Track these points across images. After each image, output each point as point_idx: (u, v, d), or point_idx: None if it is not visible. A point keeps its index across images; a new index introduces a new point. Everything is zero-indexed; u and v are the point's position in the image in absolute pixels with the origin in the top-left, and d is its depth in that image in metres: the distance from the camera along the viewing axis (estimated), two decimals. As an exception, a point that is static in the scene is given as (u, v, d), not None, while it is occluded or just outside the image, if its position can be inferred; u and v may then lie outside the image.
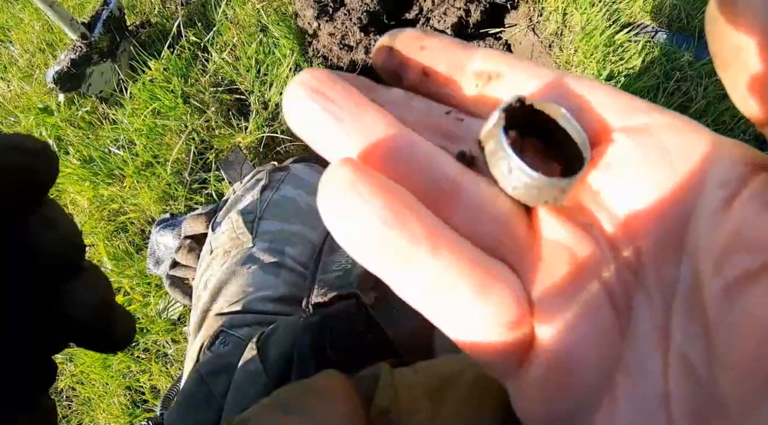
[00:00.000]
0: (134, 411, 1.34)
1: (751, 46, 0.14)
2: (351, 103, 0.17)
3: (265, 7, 1.50)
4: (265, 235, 0.84)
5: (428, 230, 0.15)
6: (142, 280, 1.36)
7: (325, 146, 0.18)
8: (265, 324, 0.72)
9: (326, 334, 0.61)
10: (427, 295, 0.15)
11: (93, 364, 1.38)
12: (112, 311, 0.26)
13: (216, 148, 1.40)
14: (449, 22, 1.32)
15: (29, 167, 0.22)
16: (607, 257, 0.17)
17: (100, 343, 0.26)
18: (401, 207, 0.15)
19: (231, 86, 1.47)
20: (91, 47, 1.43)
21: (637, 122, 0.18)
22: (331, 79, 0.18)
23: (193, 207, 1.35)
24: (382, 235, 0.15)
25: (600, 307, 0.16)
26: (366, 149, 0.17)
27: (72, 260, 0.24)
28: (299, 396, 0.40)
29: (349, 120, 0.17)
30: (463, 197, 0.17)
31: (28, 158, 0.21)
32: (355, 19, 1.26)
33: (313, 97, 0.17)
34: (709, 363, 0.14)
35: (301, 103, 0.17)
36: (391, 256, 0.15)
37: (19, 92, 1.75)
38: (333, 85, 0.18)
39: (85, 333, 0.25)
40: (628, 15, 1.40)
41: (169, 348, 1.33)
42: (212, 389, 0.66)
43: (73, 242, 0.24)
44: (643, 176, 0.17)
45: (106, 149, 1.50)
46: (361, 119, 0.17)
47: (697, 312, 0.15)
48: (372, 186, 0.15)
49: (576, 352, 0.16)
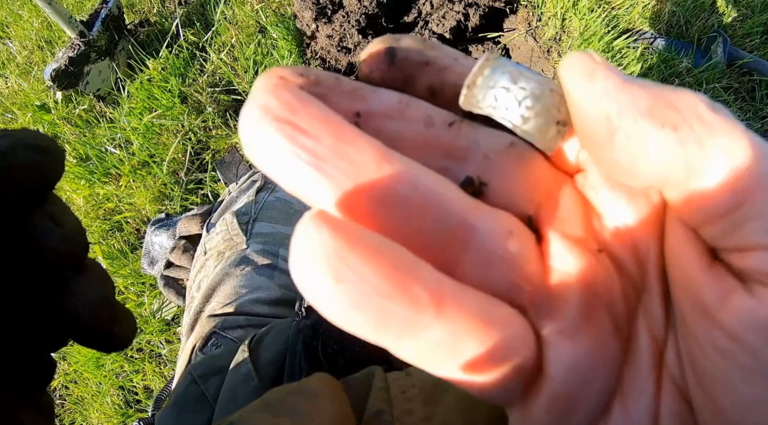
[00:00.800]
0: (127, 411, 1.34)
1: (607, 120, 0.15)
2: (330, 133, 0.14)
3: (264, 8, 1.50)
4: (260, 236, 0.84)
5: (432, 292, 0.13)
6: (137, 279, 1.36)
7: (302, 191, 0.14)
8: (258, 326, 0.72)
9: (318, 338, 0.61)
10: (430, 355, 0.14)
11: (86, 363, 1.37)
12: (114, 309, 0.26)
13: (213, 148, 1.40)
14: (448, 25, 1.32)
15: (38, 164, 0.22)
16: (615, 284, 0.17)
17: (102, 341, 0.26)
18: (400, 273, 0.13)
19: (229, 87, 1.47)
20: (89, 45, 1.43)
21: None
22: (301, 100, 0.14)
23: (189, 207, 1.35)
24: (383, 308, 0.13)
25: (607, 337, 0.16)
26: (354, 195, 0.14)
27: (77, 258, 0.25)
28: (289, 398, 0.40)
29: (330, 158, 0.14)
30: (473, 240, 0.15)
31: (37, 154, 0.22)
32: (354, 21, 1.26)
33: (280, 130, 0.14)
34: (698, 388, 0.15)
35: (264, 137, 0.14)
36: (394, 327, 0.13)
37: (17, 89, 1.74)
38: (305, 109, 0.14)
39: (87, 330, 0.25)
40: (627, 21, 1.40)
41: (162, 349, 1.33)
42: (204, 390, 0.65)
43: (79, 241, 0.25)
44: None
45: (102, 148, 1.49)
46: (346, 155, 0.14)
47: (690, 336, 0.15)
48: (362, 254, 0.13)
49: (583, 382, 0.16)
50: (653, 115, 0.14)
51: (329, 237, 0.12)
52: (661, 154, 0.14)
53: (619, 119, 0.14)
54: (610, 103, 0.14)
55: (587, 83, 0.15)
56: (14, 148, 0.21)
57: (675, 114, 0.14)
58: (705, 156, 0.13)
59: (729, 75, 1.35)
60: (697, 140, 0.14)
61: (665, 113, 0.14)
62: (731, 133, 0.13)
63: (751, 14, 1.41)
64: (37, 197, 0.23)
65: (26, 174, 0.22)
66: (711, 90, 1.31)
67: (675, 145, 0.14)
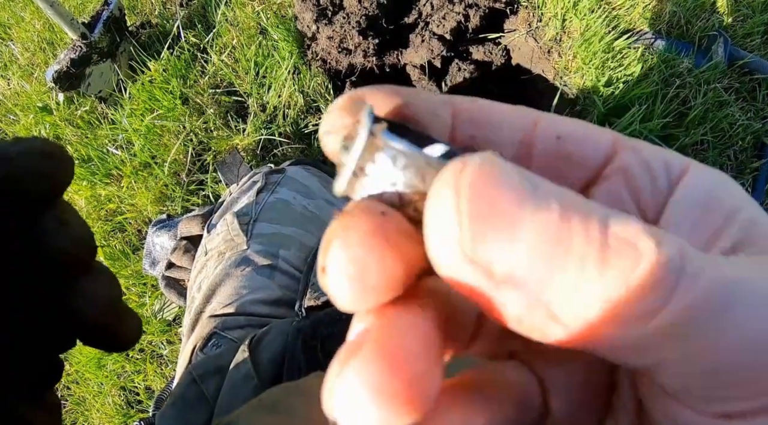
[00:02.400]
0: (128, 412, 1.34)
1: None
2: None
3: (265, 9, 1.50)
4: (260, 237, 0.84)
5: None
6: (138, 280, 1.36)
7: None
8: (258, 326, 0.72)
9: (317, 338, 0.61)
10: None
11: (88, 364, 1.37)
12: (120, 310, 0.27)
13: (214, 149, 1.40)
14: (448, 26, 1.33)
15: (47, 170, 0.23)
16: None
17: (108, 341, 0.27)
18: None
19: (230, 88, 1.48)
20: (91, 47, 1.44)
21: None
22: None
23: (190, 208, 1.35)
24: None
25: (600, 387, 0.18)
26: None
27: (84, 260, 0.25)
28: (286, 397, 0.40)
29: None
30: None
31: (46, 160, 0.23)
32: (354, 23, 1.27)
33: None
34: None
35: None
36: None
37: (19, 90, 1.75)
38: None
39: (94, 331, 0.26)
40: (628, 21, 1.40)
41: (164, 349, 1.33)
42: (204, 390, 0.66)
43: (86, 243, 0.25)
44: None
45: (104, 149, 1.50)
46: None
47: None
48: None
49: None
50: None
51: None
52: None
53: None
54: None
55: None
56: (25, 154, 0.22)
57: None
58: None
59: (730, 75, 1.35)
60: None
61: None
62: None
63: (751, 14, 1.41)
64: (46, 201, 0.24)
65: (36, 180, 0.23)
66: (711, 90, 1.30)
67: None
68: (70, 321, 0.26)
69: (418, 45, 1.36)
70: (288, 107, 1.38)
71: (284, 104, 1.38)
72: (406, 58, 1.41)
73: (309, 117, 1.37)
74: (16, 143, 0.23)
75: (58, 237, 0.24)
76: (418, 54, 1.37)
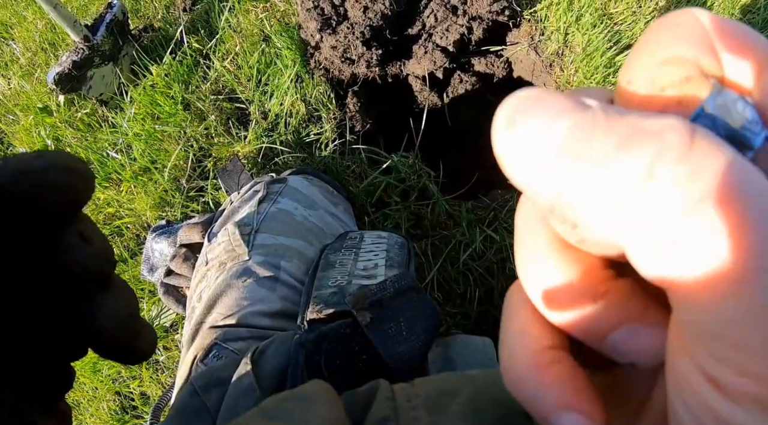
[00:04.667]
0: (123, 417, 1.34)
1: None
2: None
3: (269, 16, 1.50)
4: (262, 248, 0.84)
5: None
6: (136, 286, 1.36)
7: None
8: (259, 338, 0.72)
9: (321, 353, 0.61)
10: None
11: (83, 368, 1.37)
12: (137, 325, 0.27)
13: (214, 156, 1.40)
14: (451, 38, 1.33)
15: (69, 184, 0.23)
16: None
17: (124, 354, 0.27)
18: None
19: (231, 95, 1.48)
20: (93, 50, 1.44)
21: None
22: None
23: (190, 215, 1.35)
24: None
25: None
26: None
27: (104, 275, 0.26)
28: (284, 403, 0.41)
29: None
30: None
31: (68, 175, 0.23)
32: (358, 33, 1.27)
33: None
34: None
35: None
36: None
37: (19, 90, 1.74)
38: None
39: (110, 343, 0.26)
40: (629, 37, 1.41)
41: (160, 355, 1.33)
42: (205, 402, 0.66)
43: (106, 258, 0.26)
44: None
45: (103, 153, 1.50)
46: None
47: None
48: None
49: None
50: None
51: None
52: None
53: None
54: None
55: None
56: (48, 169, 0.23)
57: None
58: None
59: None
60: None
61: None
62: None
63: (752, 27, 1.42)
64: (68, 215, 0.24)
65: (58, 194, 0.23)
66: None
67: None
68: (87, 334, 0.26)
69: (421, 56, 1.37)
70: (290, 115, 1.38)
71: (286, 112, 1.38)
72: (408, 68, 1.41)
73: (311, 126, 1.37)
74: (39, 157, 0.23)
75: (81, 253, 0.25)
76: (420, 65, 1.38)
